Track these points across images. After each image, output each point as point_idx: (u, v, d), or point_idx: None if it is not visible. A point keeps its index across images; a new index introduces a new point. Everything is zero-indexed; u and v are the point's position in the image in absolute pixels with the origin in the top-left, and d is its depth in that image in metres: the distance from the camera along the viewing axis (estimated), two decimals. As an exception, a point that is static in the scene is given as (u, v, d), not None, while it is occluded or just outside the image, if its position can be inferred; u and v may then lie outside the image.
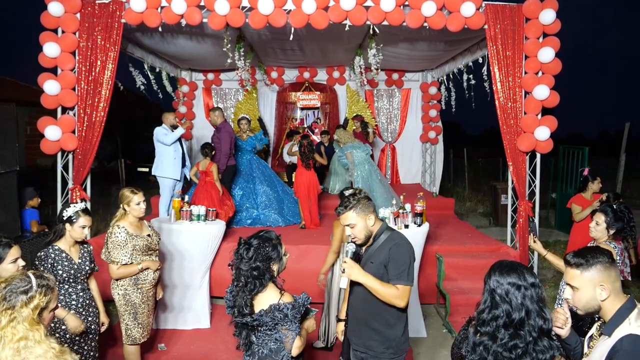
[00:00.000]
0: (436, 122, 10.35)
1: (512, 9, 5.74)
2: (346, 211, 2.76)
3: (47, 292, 1.98)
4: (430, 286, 5.83)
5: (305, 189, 6.90)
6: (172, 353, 4.72)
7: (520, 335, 2.00)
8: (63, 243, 3.43)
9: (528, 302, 2.02)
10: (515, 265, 2.11)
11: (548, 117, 5.86)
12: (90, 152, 5.82)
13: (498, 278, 2.08)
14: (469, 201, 13.00)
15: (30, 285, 1.94)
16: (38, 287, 1.96)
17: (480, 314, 2.10)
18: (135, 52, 7.36)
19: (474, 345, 2.08)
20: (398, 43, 7.39)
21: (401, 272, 2.66)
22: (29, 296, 1.92)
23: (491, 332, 2.04)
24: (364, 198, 2.81)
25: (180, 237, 5.22)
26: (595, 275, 2.01)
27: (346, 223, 2.79)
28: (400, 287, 2.64)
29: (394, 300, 2.64)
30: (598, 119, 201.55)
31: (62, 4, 5.53)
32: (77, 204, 3.53)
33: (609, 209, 3.66)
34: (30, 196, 6.67)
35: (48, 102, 5.68)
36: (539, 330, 2.00)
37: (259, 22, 5.47)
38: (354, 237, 2.80)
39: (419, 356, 4.75)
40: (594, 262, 2.02)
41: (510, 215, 6.56)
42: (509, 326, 2.02)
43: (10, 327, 1.83)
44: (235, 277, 2.59)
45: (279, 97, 10.51)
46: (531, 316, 2.01)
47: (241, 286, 2.52)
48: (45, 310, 1.97)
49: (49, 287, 2.00)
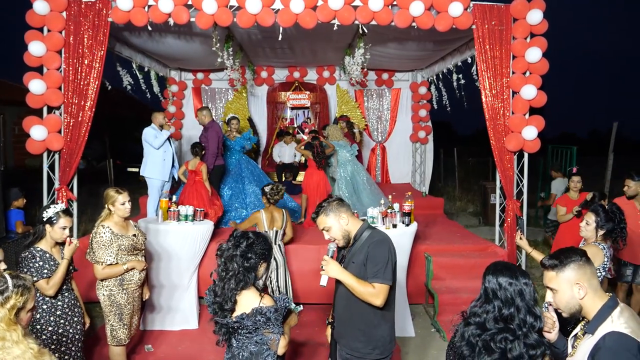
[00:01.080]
0: (426, 122, 10.38)
1: (500, 9, 5.76)
2: (318, 216, 2.81)
3: (23, 292, 1.96)
4: (419, 286, 5.84)
5: (315, 188, 7.04)
6: (159, 354, 4.69)
7: (510, 329, 2.07)
8: (44, 244, 3.40)
9: (518, 299, 2.10)
10: (509, 266, 2.21)
11: (535, 117, 5.89)
12: (77, 152, 5.77)
13: (491, 277, 2.17)
14: (459, 201, 13.06)
15: (6, 286, 1.93)
16: (14, 287, 1.94)
17: (473, 308, 2.19)
18: (123, 51, 7.30)
19: (464, 334, 2.15)
20: (387, 43, 7.40)
21: (378, 270, 2.64)
22: (5, 296, 1.90)
23: (481, 322, 2.12)
24: (334, 201, 2.85)
25: (168, 238, 5.19)
26: (571, 275, 2.04)
27: (321, 227, 2.83)
28: (377, 286, 2.63)
29: (370, 299, 2.64)
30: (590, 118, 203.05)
31: (48, 3, 5.47)
32: (58, 205, 3.50)
33: (600, 209, 3.61)
34: (15, 197, 6.59)
35: (33, 102, 5.62)
36: (529, 326, 2.07)
37: (247, 22, 5.45)
38: (333, 239, 2.83)
39: (407, 356, 4.75)
40: (567, 262, 2.05)
41: (499, 214, 6.59)
42: (499, 320, 2.10)
43: None
44: (222, 268, 2.49)
45: (269, 97, 10.47)
46: (521, 312, 2.08)
47: (228, 278, 2.44)
48: (23, 311, 1.96)
49: (25, 287, 1.98)
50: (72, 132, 5.70)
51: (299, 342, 4.82)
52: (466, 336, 2.15)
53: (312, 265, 5.55)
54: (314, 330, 5.04)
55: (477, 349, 2.11)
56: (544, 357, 2.10)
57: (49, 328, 3.32)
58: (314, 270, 5.50)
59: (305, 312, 5.42)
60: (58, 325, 3.36)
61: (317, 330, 5.01)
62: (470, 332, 2.15)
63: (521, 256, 6.20)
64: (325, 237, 2.85)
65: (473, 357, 2.12)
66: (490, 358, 2.07)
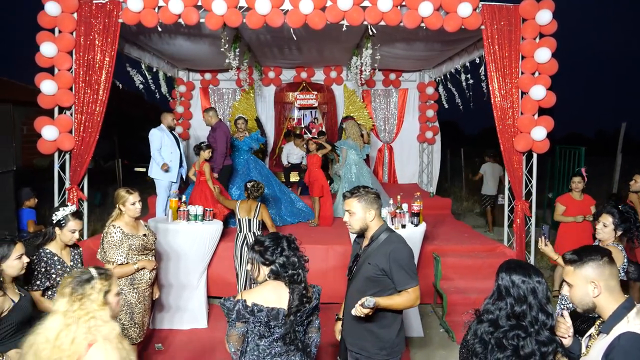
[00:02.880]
0: (433, 122, 10.37)
1: (509, 10, 5.75)
2: (352, 197, 2.86)
3: (107, 277, 2.25)
4: (428, 286, 5.83)
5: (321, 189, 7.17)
6: (169, 353, 4.72)
7: (522, 326, 2.09)
8: (54, 246, 3.43)
9: (531, 296, 2.12)
10: (523, 264, 2.24)
11: (544, 118, 5.87)
12: (88, 152, 5.82)
13: (504, 274, 2.20)
14: (466, 201, 13.02)
15: (90, 275, 2.21)
16: (98, 275, 2.23)
17: (486, 305, 2.23)
18: (132, 52, 7.35)
19: (476, 331, 2.17)
20: (395, 43, 7.40)
21: (407, 275, 2.74)
22: (92, 283, 2.18)
23: (494, 319, 2.15)
24: (373, 193, 2.89)
25: (177, 237, 5.22)
26: (588, 273, 2.07)
27: (347, 208, 2.88)
28: (411, 290, 2.74)
29: (411, 304, 2.76)
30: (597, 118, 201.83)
31: (59, 4, 5.52)
32: (68, 207, 3.52)
33: (615, 210, 3.66)
34: (27, 196, 6.66)
35: (45, 102, 5.68)
36: (541, 323, 2.09)
37: (257, 22, 5.47)
38: (349, 224, 2.88)
39: (415, 356, 4.76)
40: (586, 260, 2.08)
41: (507, 215, 6.57)
42: (511, 317, 2.13)
43: (81, 310, 2.10)
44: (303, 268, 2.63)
45: (277, 97, 10.49)
46: (533, 309, 2.10)
47: (298, 273, 2.59)
48: (109, 294, 2.23)
49: (107, 274, 2.28)
50: (83, 132, 5.75)
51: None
52: (479, 333, 2.17)
53: (320, 265, 5.58)
54: (323, 330, 5.04)
55: (489, 346, 2.13)
56: (556, 354, 2.11)
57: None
58: (323, 270, 5.56)
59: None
60: None
61: (324, 330, 5.01)
62: (483, 329, 2.17)
63: (530, 257, 6.19)
64: (344, 218, 2.92)
65: (486, 354, 2.14)
66: (503, 355, 2.09)
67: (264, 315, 2.45)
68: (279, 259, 2.55)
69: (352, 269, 2.96)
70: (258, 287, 2.59)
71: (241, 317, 2.46)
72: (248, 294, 2.52)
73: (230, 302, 2.50)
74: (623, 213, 3.62)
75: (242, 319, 2.46)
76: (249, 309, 2.45)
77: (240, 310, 2.45)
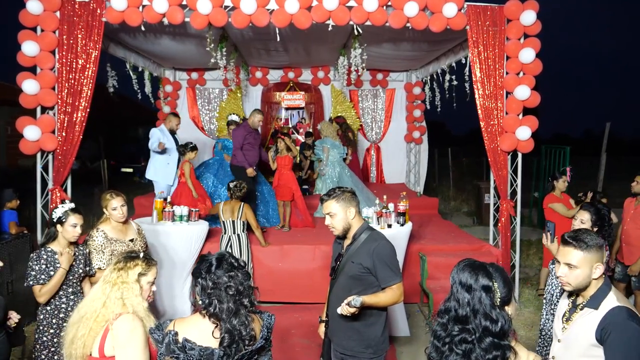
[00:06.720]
0: (420, 122, 10.41)
1: (494, 10, 5.79)
2: (329, 199, 2.85)
3: (149, 262, 2.56)
4: (414, 285, 5.86)
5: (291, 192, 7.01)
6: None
7: (468, 330, 2.00)
8: (56, 245, 3.37)
9: (476, 302, 1.99)
10: (473, 265, 2.08)
11: (529, 117, 5.92)
12: (71, 153, 5.74)
13: (454, 274, 2.09)
14: (454, 200, 13.11)
15: (137, 255, 2.57)
16: (143, 258, 2.56)
17: (440, 307, 2.16)
18: (117, 51, 7.27)
19: (434, 332, 2.15)
20: (382, 43, 7.42)
21: (392, 273, 2.76)
22: (135, 261, 2.51)
23: (444, 323, 2.09)
24: (348, 192, 2.89)
25: (163, 238, 5.18)
26: (595, 256, 2.23)
27: (327, 211, 2.86)
28: (395, 286, 2.74)
29: (396, 300, 2.76)
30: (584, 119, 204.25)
31: (41, 2, 5.43)
32: (65, 204, 3.47)
33: (592, 208, 3.68)
34: (8, 197, 6.53)
35: (27, 102, 5.58)
36: (483, 329, 1.97)
37: (242, 22, 5.45)
38: (332, 227, 2.87)
39: (402, 355, 4.77)
40: (593, 244, 2.23)
41: (493, 214, 6.62)
42: (457, 320, 2.03)
43: (118, 277, 2.45)
44: (231, 297, 2.12)
45: (264, 97, 10.47)
46: (477, 315, 1.99)
47: (243, 305, 2.16)
48: (144, 277, 2.50)
49: (151, 260, 2.60)
50: (66, 133, 5.66)
51: (293, 341, 4.82)
52: (433, 339, 2.12)
53: (306, 265, 5.57)
54: (309, 329, 5.04)
55: (442, 351, 2.06)
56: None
57: (50, 330, 3.30)
58: (308, 270, 5.55)
59: (299, 312, 5.43)
60: (60, 328, 3.29)
61: (311, 330, 5.01)
62: (436, 333, 2.11)
63: (515, 255, 6.24)
64: (326, 221, 2.90)
65: (440, 358, 2.09)
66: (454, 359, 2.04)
67: (196, 355, 2.05)
68: (202, 282, 2.13)
69: (335, 268, 2.95)
70: (194, 316, 2.18)
71: (170, 353, 2.06)
72: (181, 324, 2.16)
73: (158, 333, 2.14)
74: (599, 210, 3.66)
75: (171, 355, 2.06)
76: (179, 345, 2.06)
77: (170, 344, 2.07)
